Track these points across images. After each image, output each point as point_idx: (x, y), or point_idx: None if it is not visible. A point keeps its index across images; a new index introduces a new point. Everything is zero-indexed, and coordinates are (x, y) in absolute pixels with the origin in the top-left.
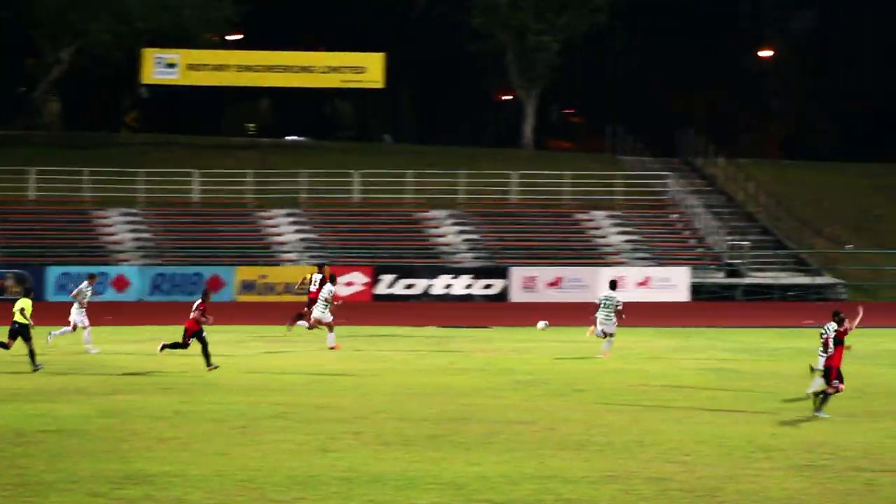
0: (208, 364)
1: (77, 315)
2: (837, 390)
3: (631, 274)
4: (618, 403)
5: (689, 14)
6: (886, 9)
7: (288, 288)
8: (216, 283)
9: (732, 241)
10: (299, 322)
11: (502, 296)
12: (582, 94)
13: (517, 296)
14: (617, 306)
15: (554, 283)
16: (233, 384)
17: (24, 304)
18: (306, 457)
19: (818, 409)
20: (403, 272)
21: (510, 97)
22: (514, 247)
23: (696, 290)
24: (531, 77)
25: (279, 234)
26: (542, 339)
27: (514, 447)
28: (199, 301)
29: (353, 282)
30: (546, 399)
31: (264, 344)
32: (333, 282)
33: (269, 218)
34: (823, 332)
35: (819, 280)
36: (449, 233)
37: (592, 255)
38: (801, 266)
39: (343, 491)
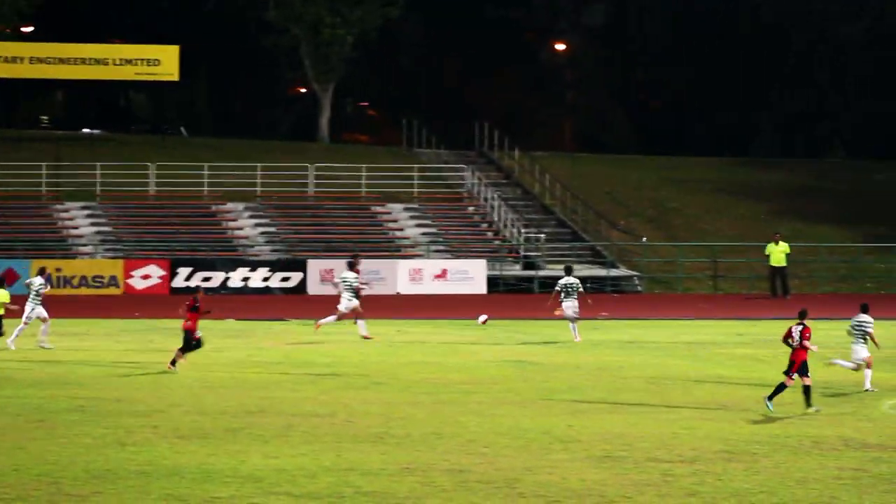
0: (173, 363)
1: (29, 309)
2: (806, 384)
3: (428, 266)
4: (416, 396)
5: (484, 7)
6: (678, 3)
7: (82, 281)
8: (11, 277)
9: (529, 233)
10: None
11: (300, 288)
12: (377, 87)
13: (315, 288)
14: (579, 289)
15: None
16: (29, 378)
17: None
18: (104, 450)
19: (808, 405)
20: (201, 265)
21: (305, 90)
22: (311, 240)
23: (494, 282)
24: (326, 70)
25: (75, 227)
26: (339, 332)
27: (313, 440)
28: (190, 301)
29: (149, 275)
30: (344, 392)
31: (58, 338)
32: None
33: (65, 211)
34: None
35: (615, 272)
36: (246, 226)
37: (390, 248)
38: (596, 258)
39: (141, 484)
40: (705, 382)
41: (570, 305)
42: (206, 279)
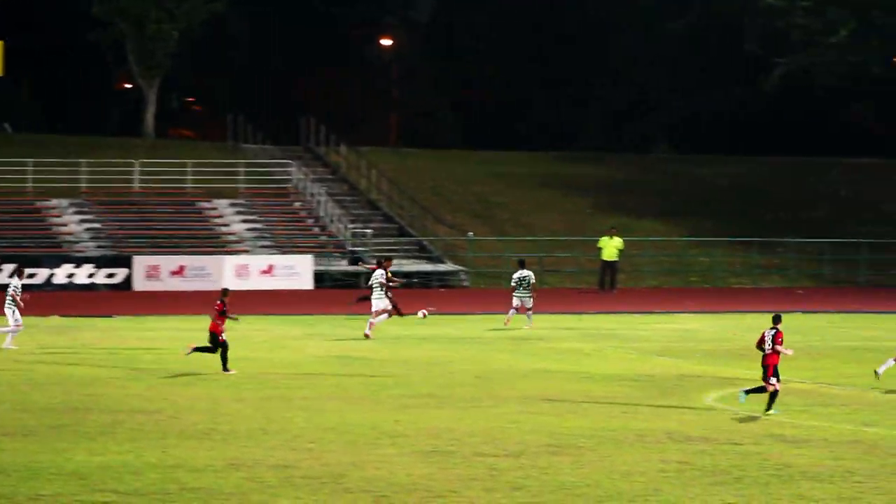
0: (224, 367)
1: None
2: (775, 388)
3: (254, 262)
4: (242, 392)
5: (309, 2)
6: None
7: None
8: None
9: (355, 228)
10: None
11: (126, 285)
12: (203, 82)
13: (140, 285)
14: (532, 282)
15: (177, 272)
16: None
17: None
18: None
19: (769, 408)
20: (25, 262)
21: (131, 86)
22: (137, 235)
23: (320, 277)
24: (151, 66)
25: None
26: (164, 329)
27: (138, 436)
28: (218, 301)
29: None
30: (169, 388)
31: None
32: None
33: None
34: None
35: (441, 267)
36: (71, 222)
37: (216, 244)
38: (423, 253)
39: None
40: (532, 377)
41: (522, 297)
42: (31, 276)
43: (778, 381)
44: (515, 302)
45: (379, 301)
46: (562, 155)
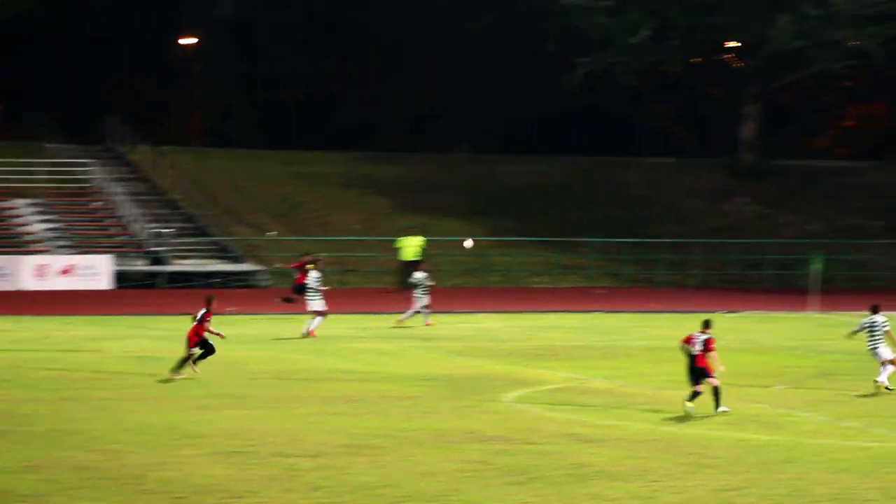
0: (177, 369)
1: None
2: (715, 386)
3: (54, 262)
4: (39, 393)
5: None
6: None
7: None
8: None
9: (156, 228)
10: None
11: None
12: (1, 79)
13: None
14: (431, 283)
15: None
16: None
17: None
18: None
19: (718, 406)
20: None
21: None
22: None
23: (120, 277)
24: None
25: None
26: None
27: None
28: (204, 311)
29: None
30: None
31: None
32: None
33: None
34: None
35: (242, 267)
36: None
37: (14, 244)
38: (223, 253)
39: None
40: (331, 377)
41: (420, 297)
42: None
43: (712, 377)
44: (420, 303)
45: (314, 302)
46: (363, 155)
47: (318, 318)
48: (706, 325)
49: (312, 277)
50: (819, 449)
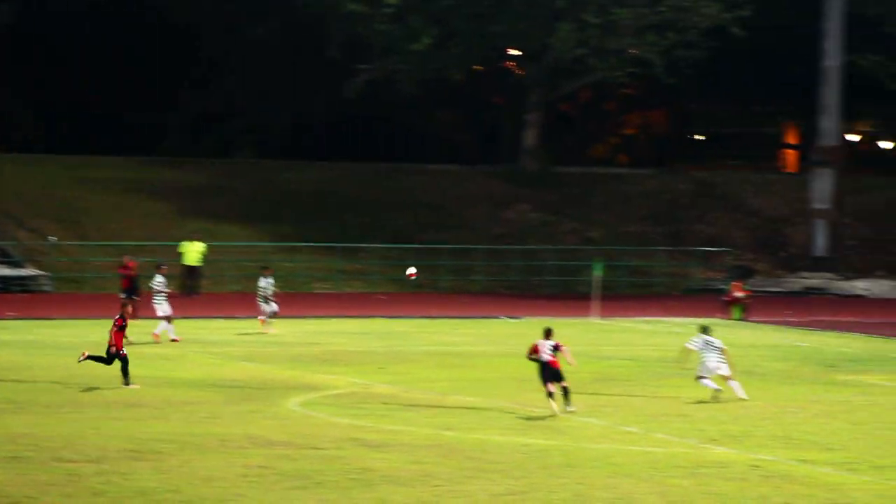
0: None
1: None
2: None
3: None
4: None
5: None
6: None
7: None
8: None
9: None
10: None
11: None
12: None
13: None
14: (275, 288)
15: None
16: None
17: None
18: None
19: (567, 405)
20: None
21: None
22: None
23: None
24: None
25: None
26: None
27: None
28: (118, 317)
29: None
30: None
31: None
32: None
33: None
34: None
35: (22, 272)
36: None
37: None
38: (3, 258)
39: None
40: (112, 383)
41: (269, 307)
42: None
43: (563, 380)
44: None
45: (160, 306)
46: (146, 160)
47: (166, 324)
48: (548, 333)
49: (158, 282)
50: (600, 454)
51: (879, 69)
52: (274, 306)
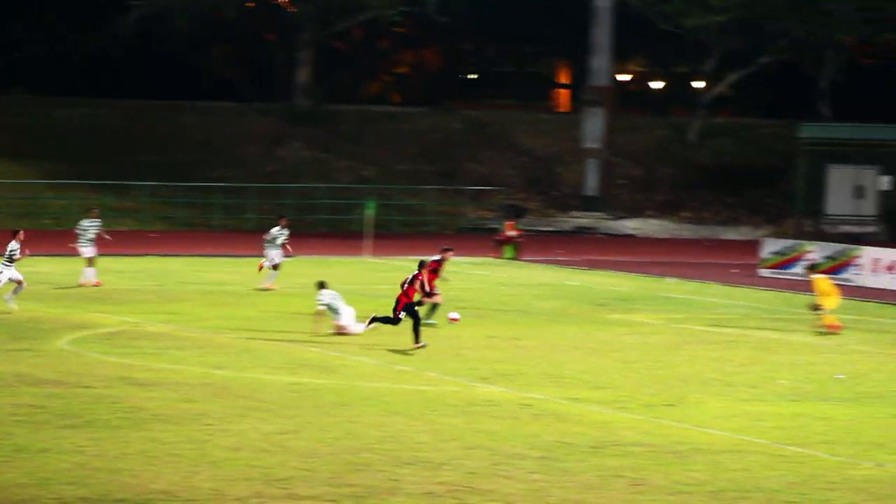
0: (416, 341)
1: None
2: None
3: None
4: None
5: None
6: None
7: None
8: None
9: None
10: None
11: None
12: None
13: None
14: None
15: None
16: None
17: None
18: None
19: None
20: None
21: None
22: None
23: None
24: None
25: None
26: None
27: None
28: (416, 273)
29: None
30: None
31: None
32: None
33: None
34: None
35: None
36: None
37: None
38: None
39: None
40: None
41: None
42: None
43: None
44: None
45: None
46: None
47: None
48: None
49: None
50: (372, 392)
51: (650, 9)
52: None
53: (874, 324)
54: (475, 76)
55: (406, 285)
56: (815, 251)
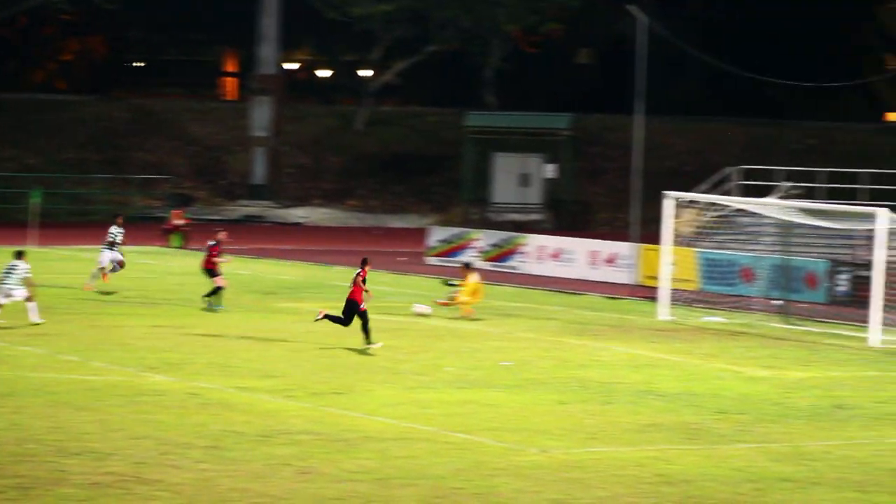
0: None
1: None
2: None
3: None
4: None
5: None
6: None
7: None
8: None
9: None
10: None
11: None
12: None
13: None
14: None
15: None
16: None
17: None
18: None
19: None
20: None
21: None
22: None
23: None
24: None
25: None
26: None
27: None
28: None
29: None
30: None
31: None
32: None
33: None
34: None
35: None
36: None
37: None
38: None
39: None
40: None
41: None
42: None
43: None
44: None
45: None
46: None
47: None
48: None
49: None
50: (38, 382)
51: None
52: (118, 255)
53: (540, 311)
54: (142, 64)
55: (352, 284)
56: (482, 239)
